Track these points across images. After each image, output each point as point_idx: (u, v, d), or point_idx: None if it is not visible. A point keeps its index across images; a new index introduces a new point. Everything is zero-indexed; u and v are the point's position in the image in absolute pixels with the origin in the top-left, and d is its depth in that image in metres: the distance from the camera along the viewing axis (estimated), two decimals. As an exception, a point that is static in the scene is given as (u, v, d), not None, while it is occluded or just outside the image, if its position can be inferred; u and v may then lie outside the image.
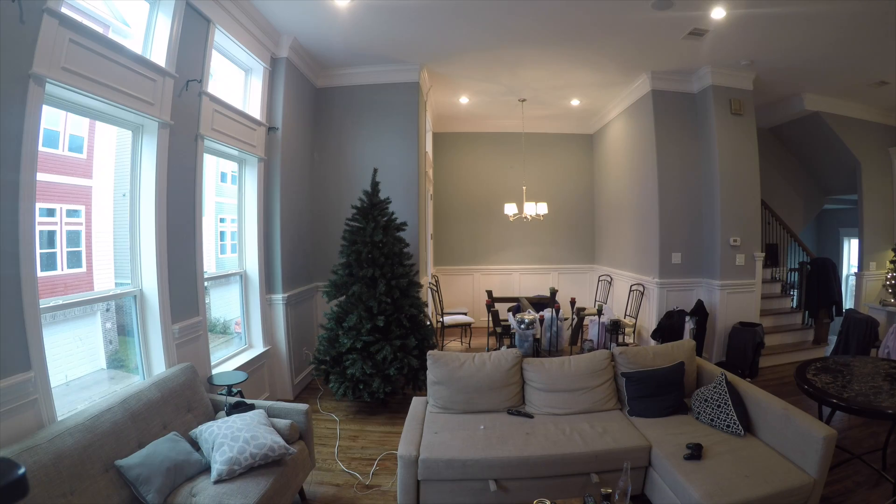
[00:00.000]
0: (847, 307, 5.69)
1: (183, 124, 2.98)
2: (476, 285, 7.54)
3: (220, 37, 3.42)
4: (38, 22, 1.96)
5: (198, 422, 2.55)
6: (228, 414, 2.54)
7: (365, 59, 4.74)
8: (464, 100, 6.23)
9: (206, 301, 3.35)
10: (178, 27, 2.86)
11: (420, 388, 3.96)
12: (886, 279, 5.83)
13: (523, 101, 6.18)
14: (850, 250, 8.68)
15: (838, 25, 3.79)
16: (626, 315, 5.88)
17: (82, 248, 2.61)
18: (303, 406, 2.75)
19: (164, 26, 2.82)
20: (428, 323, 4.35)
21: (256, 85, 4.06)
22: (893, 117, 6.12)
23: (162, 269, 2.80)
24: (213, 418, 2.65)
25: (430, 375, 3.10)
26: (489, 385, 3.05)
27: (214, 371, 3.35)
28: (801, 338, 5.68)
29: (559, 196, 7.50)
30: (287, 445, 2.36)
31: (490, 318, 5.25)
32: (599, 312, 5.43)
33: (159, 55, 2.78)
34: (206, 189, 3.46)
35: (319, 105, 5.04)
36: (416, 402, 3.18)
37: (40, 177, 2.05)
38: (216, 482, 2.10)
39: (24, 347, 1.93)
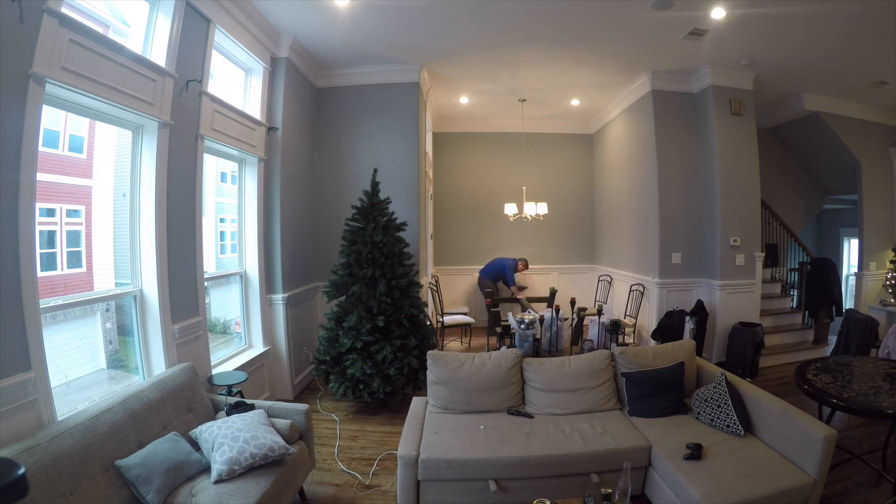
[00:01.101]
0: (847, 307, 5.69)
1: (183, 124, 2.98)
2: (476, 285, 7.54)
3: (220, 37, 3.42)
4: (38, 22, 1.95)
5: (198, 422, 2.55)
6: (228, 414, 2.54)
7: (365, 59, 4.74)
8: (464, 100, 6.23)
9: (206, 301, 3.35)
10: (177, 27, 2.86)
11: (420, 388, 3.96)
12: (886, 279, 5.83)
13: (523, 101, 6.17)
14: (850, 250, 8.68)
15: (838, 25, 3.79)
16: (626, 315, 5.87)
17: (82, 248, 2.60)
18: (303, 406, 2.75)
19: (164, 26, 2.82)
20: (428, 323, 4.35)
21: (256, 85, 4.06)
22: (893, 117, 6.12)
23: (162, 269, 2.80)
24: (213, 418, 2.65)
25: (430, 375, 3.10)
26: (489, 385, 3.05)
27: (214, 371, 3.35)
28: (801, 338, 5.68)
29: (559, 196, 7.49)
30: (287, 445, 2.36)
31: (490, 318, 5.25)
32: (599, 312, 5.42)
33: (159, 55, 2.78)
34: (206, 189, 3.46)
35: (319, 105, 5.04)
36: (416, 402, 3.18)
37: (40, 177, 2.05)
38: (216, 482, 2.11)
39: (24, 347, 1.93)
